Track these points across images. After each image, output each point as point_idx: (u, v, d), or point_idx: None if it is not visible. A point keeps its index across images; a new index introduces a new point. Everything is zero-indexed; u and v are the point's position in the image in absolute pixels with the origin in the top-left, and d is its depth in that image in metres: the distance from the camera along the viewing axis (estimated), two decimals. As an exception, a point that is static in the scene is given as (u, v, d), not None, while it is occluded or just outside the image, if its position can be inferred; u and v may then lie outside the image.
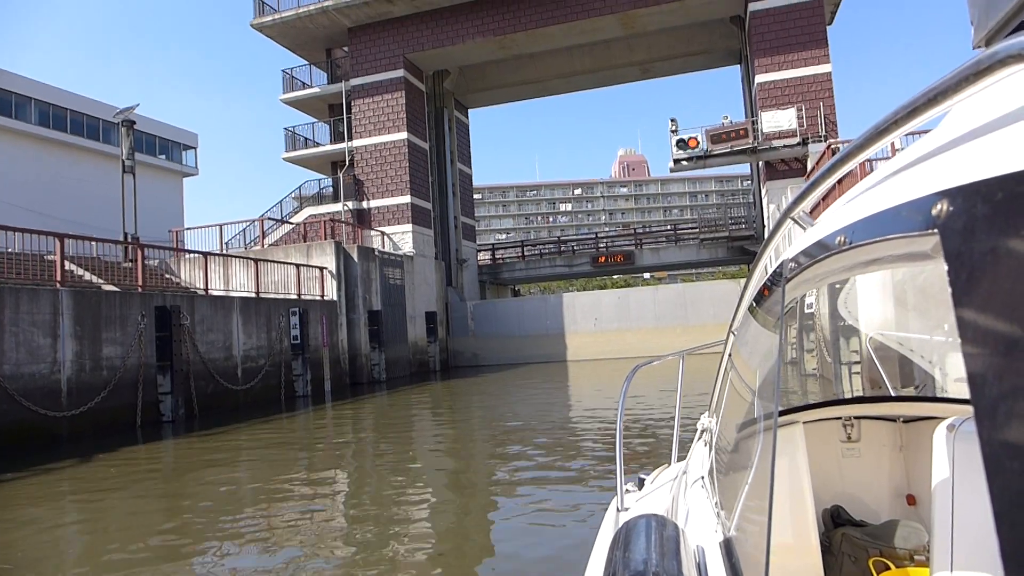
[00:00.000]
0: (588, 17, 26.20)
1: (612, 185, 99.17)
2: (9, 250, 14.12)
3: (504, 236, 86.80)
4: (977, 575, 0.99)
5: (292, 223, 27.07)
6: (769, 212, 23.76)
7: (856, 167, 0.93)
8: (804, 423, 1.92)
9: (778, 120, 22.98)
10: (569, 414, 13.38)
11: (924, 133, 0.84)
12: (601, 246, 36.93)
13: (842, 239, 0.86)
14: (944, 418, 1.25)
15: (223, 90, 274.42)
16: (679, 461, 2.69)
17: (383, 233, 27.11)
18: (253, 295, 18.59)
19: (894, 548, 1.76)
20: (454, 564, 4.86)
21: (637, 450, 8.32)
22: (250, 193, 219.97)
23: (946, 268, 0.53)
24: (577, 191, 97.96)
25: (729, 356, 1.85)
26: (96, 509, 7.35)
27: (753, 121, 23.46)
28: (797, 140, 22.57)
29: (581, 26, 26.82)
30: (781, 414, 1.90)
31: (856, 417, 2.19)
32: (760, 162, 24.36)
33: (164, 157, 36.35)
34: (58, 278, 13.16)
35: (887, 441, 2.19)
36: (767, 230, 24.87)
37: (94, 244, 17.48)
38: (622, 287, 45.56)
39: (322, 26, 28.20)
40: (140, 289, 15.23)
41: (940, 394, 2.46)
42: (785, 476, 1.76)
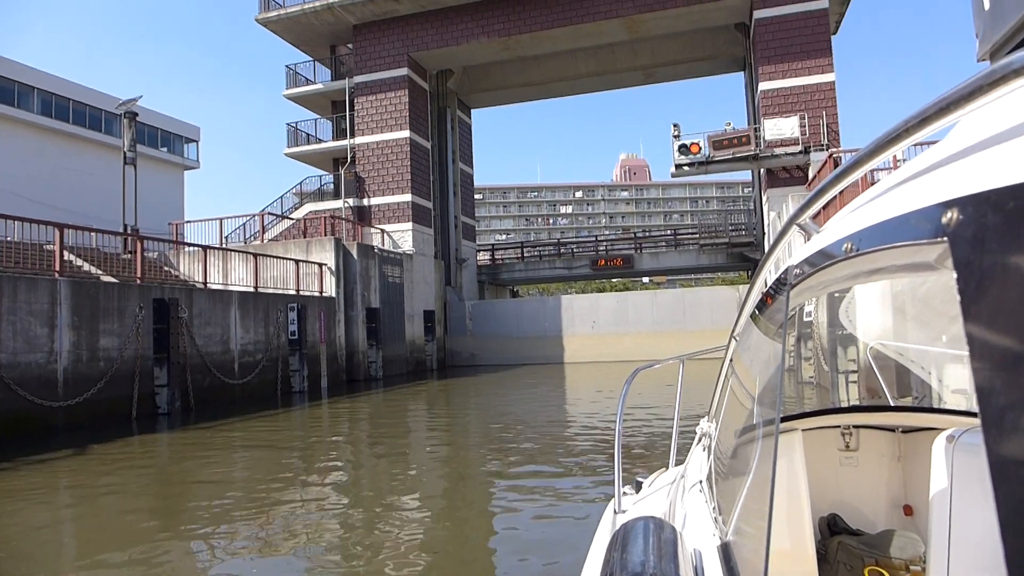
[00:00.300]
0: (593, 20, 26.21)
1: (613, 188, 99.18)
2: (8, 239, 14.09)
3: (504, 237, 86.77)
4: None
5: (292, 219, 27.05)
6: (770, 219, 23.77)
7: (859, 179, 0.94)
8: (803, 431, 1.93)
9: (781, 128, 23.00)
10: (566, 416, 13.38)
11: (929, 144, 0.84)
12: (601, 249, 36.91)
13: (849, 246, 0.86)
14: (943, 429, 1.26)
15: (226, 84, 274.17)
16: (677, 465, 2.69)
17: (383, 231, 27.10)
18: (252, 290, 18.57)
19: (890, 558, 1.76)
20: (451, 565, 4.85)
21: (635, 453, 8.32)
22: (251, 188, 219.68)
23: (955, 277, 0.54)
24: (578, 194, 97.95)
25: (730, 362, 1.86)
26: (91, 500, 7.33)
27: (756, 128, 23.47)
28: (799, 148, 22.59)
29: (586, 29, 26.83)
30: (780, 421, 1.90)
31: (855, 426, 2.19)
32: (762, 169, 24.38)
33: (166, 150, 36.31)
34: (57, 268, 13.15)
35: (885, 451, 2.19)
36: (767, 237, 24.96)
37: (94, 235, 17.47)
38: (621, 291, 45.55)
39: (327, 22, 28.20)
40: (139, 281, 15.21)
41: (938, 405, 2.47)
42: (783, 483, 1.76)
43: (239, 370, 17.06)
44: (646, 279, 62.34)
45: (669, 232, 40.84)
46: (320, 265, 21.74)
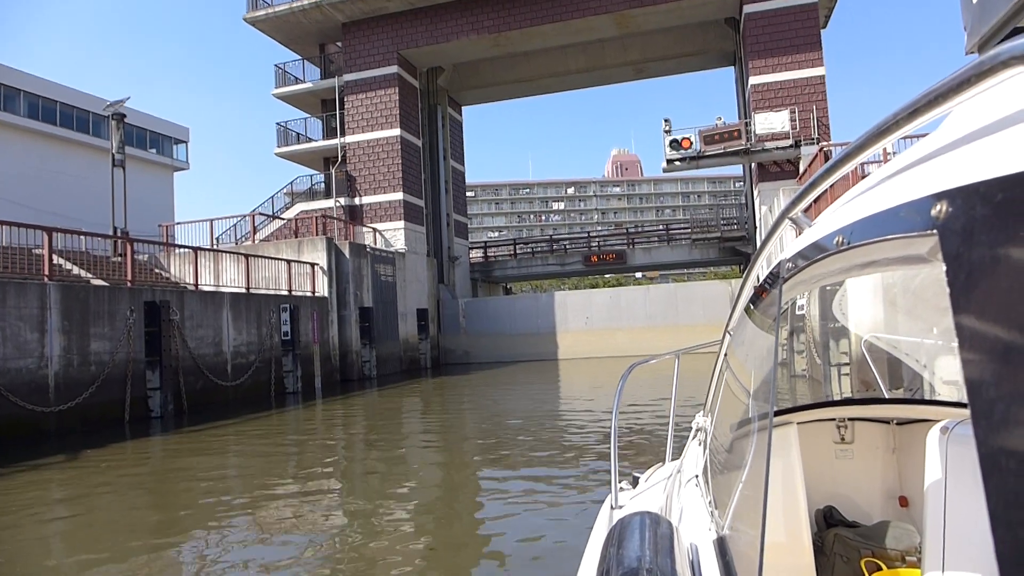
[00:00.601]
0: (583, 16, 26.20)
1: (605, 184, 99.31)
2: (-3, 243, 13.97)
3: (496, 234, 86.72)
4: None
5: (284, 219, 26.93)
6: (761, 214, 23.86)
7: (850, 172, 0.93)
8: (798, 424, 1.93)
9: (771, 122, 23.07)
10: (561, 412, 13.40)
11: (919, 137, 0.84)
12: (593, 245, 36.94)
13: (840, 239, 0.86)
14: (938, 421, 1.26)
15: (215, 85, 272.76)
16: (673, 460, 2.70)
17: (375, 230, 27.03)
18: (243, 291, 18.49)
19: (886, 549, 1.77)
20: (447, 560, 4.85)
21: (631, 448, 8.34)
22: (242, 188, 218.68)
23: (944, 269, 0.53)
24: (570, 190, 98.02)
25: (725, 356, 1.86)
26: (83, 505, 7.29)
27: (746, 123, 23.55)
28: (790, 142, 22.67)
29: (576, 25, 26.81)
30: (775, 414, 1.90)
31: (850, 419, 2.20)
32: (753, 163, 24.45)
33: (155, 151, 36.09)
34: (46, 272, 13.04)
35: (880, 443, 2.20)
36: (759, 231, 25.05)
37: (83, 238, 17.34)
38: (614, 286, 45.63)
39: (316, 21, 28.07)
40: (129, 284, 15.11)
41: (931, 396, 2.48)
42: (779, 476, 1.77)
43: (232, 372, 16.99)
44: (639, 274, 62.49)
45: (661, 227, 40.91)
46: (312, 265, 21.67)
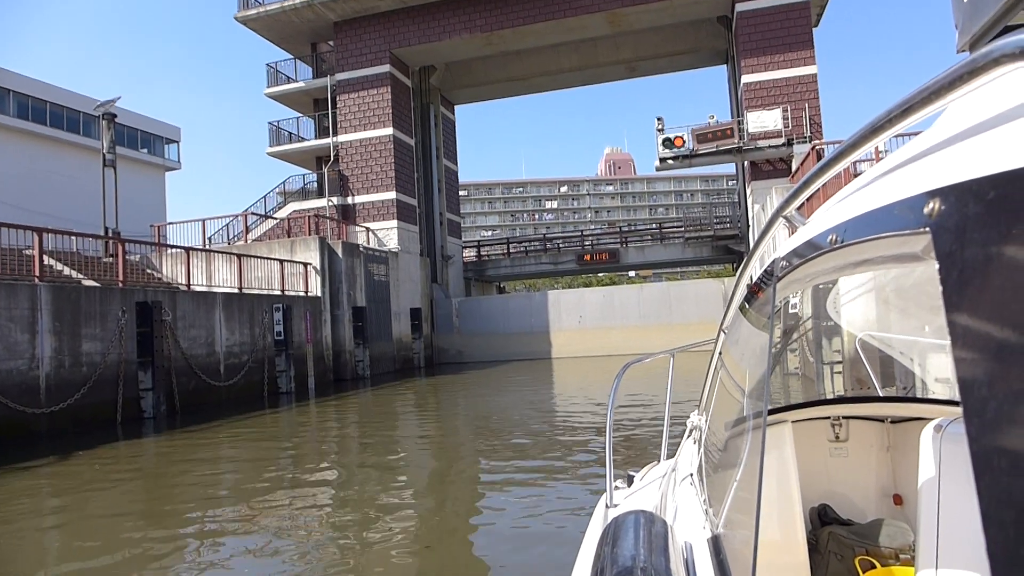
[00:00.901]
0: (575, 15, 26.21)
1: (598, 183, 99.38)
2: (-14, 244, 13.86)
3: (490, 233, 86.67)
4: (962, 574, 1.00)
5: (276, 218, 26.85)
6: (754, 212, 23.94)
7: (842, 170, 0.93)
8: (792, 422, 1.93)
9: (764, 120, 23.15)
10: (556, 411, 13.40)
11: (911, 136, 0.84)
12: (586, 244, 36.97)
13: (834, 238, 0.86)
14: (931, 419, 1.26)
15: (207, 84, 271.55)
16: (668, 458, 2.70)
17: (368, 229, 26.97)
18: (236, 291, 18.41)
19: (879, 547, 1.77)
20: (441, 559, 4.84)
21: (626, 447, 8.35)
22: (234, 188, 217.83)
23: (937, 267, 0.53)
24: (563, 189, 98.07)
25: (719, 354, 1.86)
26: (75, 506, 7.24)
27: (739, 121, 23.61)
28: (782, 141, 22.75)
29: (568, 24, 26.82)
30: (770, 413, 1.91)
31: (844, 417, 2.20)
32: (745, 162, 24.52)
33: (146, 151, 35.89)
34: (36, 273, 12.95)
35: (874, 441, 2.20)
36: (752, 230, 25.13)
37: (74, 239, 17.23)
38: (607, 285, 45.69)
39: (307, 20, 27.97)
40: (121, 284, 15.02)
41: (924, 394, 2.49)
42: (773, 474, 1.77)
43: (225, 372, 16.92)
44: (632, 273, 62.63)
45: (654, 226, 41.00)
46: (305, 265, 21.60)
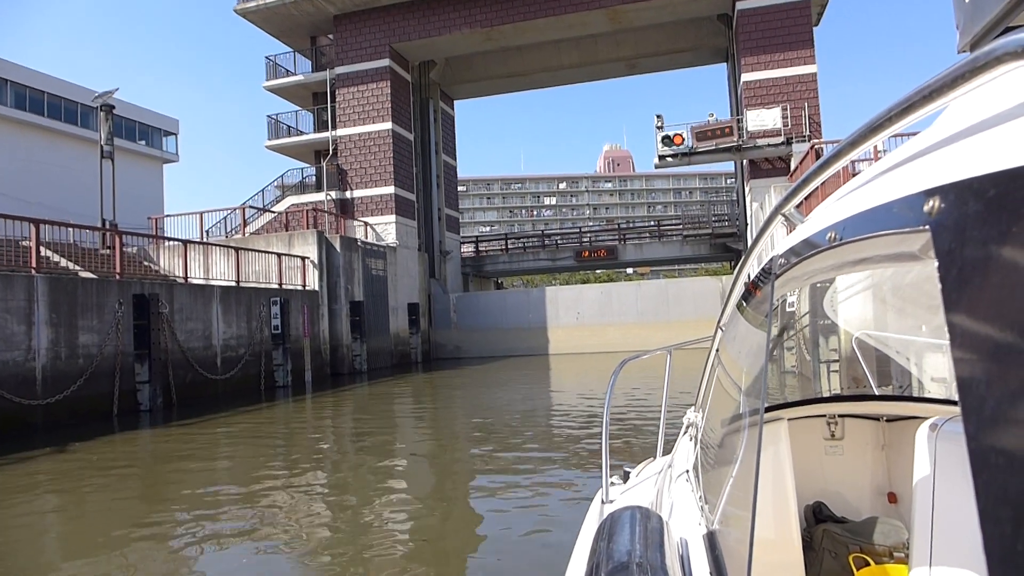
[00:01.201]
0: (576, 11, 26.15)
1: (597, 180, 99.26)
2: (-17, 234, 13.81)
3: (488, 229, 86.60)
4: (956, 572, 1.00)
5: (274, 212, 26.79)
6: (752, 210, 23.94)
7: (840, 169, 0.93)
8: (788, 420, 1.94)
9: (763, 119, 23.14)
10: (553, 407, 13.42)
11: (910, 136, 0.84)
12: (585, 240, 36.95)
13: (832, 235, 0.86)
14: (927, 418, 1.27)
15: (205, 77, 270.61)
16: (664, 455, 2.70)
17: (366, 223, 26.93)
18: (234, 284, 18.38)
19: (874, 545, 1.78)
20: (437, 553, 4.85)
21: (622, 443, 8.37)
22: (232, 181, 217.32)
23: (936, 265, 0.53)
24: (562, 185, 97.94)
25: (716, 352, 1.86)
26: (72, 498, 7.24)
27: (738, 119, 23.59)
28: (781, 139, 22.74)
29: (568, 20, 26.76)
30: (766, 411, 1.91)
31: (840, 415, 2.21)
32: (744, 160, 24.52)
33: (144, 143, 35.79)
34: (33, 264, 12.92)
35: (870, 439, 2.21)
36: (750, 228, 25.14)
37: (71, 230, 17.16)
38: (605, 282, 45.70)
39: (307, 13, 27.86)
40: (118, 276, 14.99)
41: (920, 393, 2.49)
42: (769, 472, 1.77)
43: (222, 365, 16.91)
44: (630, 270, 62.60)
45: (653, 223, 41.03)
46: (303, 258, 21.57)
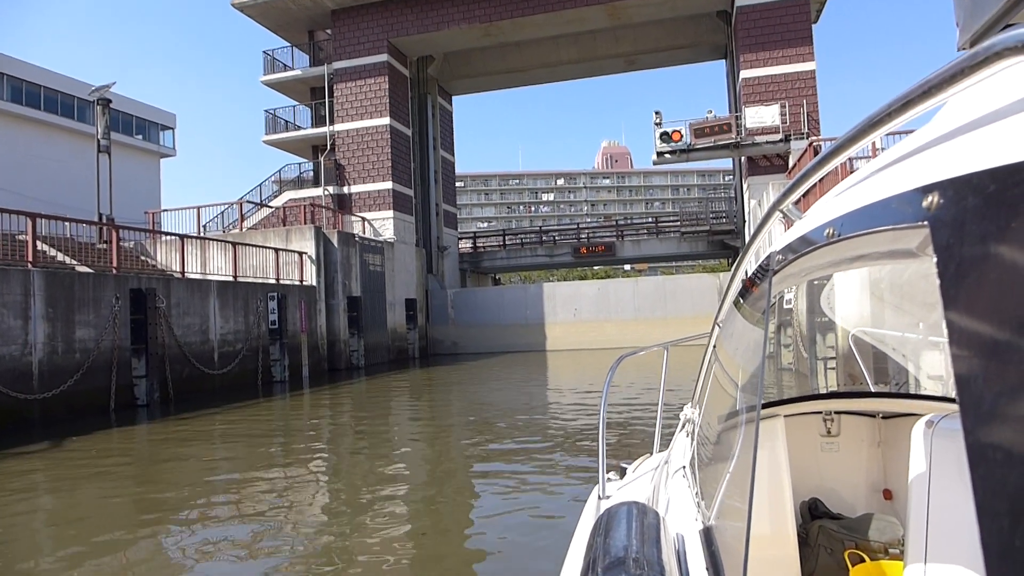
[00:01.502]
0: (574, 7, 26.09)
1: (595, 176, 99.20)
2: (-21, 228, 13.76)
3: (486, 225, 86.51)
4: (950, 568, 1.01)
5: (272, 207, 26.73)
6: (750, 207, 23.95)
7: (838, 166, 0.93)
8: (785, 417, 1.94)
9: (761, 116, 23.14)
10: (550, 403, 13.43)
11: (907, 133, 0.84)
12: (582, 237, 36.92)
13: (831, 232, 0.86)
14: (923, 415, 1.27)
15: (202, 71, 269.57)
16: (661, 451, 2.71)
17: (364, 219, 26.90)
18: (231, 279, 18.36)
19: (869, 541, 1.79)
20: (435, 549, 4.86)
21: (619, 439, 8.38)
22: (229, 176, 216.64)
23: (935, 260, 0.54)
24: (560, 181, 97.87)
25: (713, 348, 1.86)
26: (68, 493, 7.24)
27: (737, 116, 23.58)
28: (780, 136, 22.75)
29: (567, 15, 26.70)
30: (763, 407, 1.92)
31: (836, 412, 2.22)
32: (742, 157, 24.52)
33: (141, 137, 35.67)
34: (30, 258, 12.88)
35: (866, 436, 2.22)
36: (748, 225, 25.16)
37: (68, 224, 17.12)
38: (603, 278, 45.68)
39: (305, 7, 27.76)
40: (115, 271, 14.96)
41: (916, 391, 2.50)
42: (765, 468, 1.78)
43: (219, 360, 16.89)
44: (627, 267, 62.58)
45: (651, 220, 40.96)
46: (300, 254, 21.54)
